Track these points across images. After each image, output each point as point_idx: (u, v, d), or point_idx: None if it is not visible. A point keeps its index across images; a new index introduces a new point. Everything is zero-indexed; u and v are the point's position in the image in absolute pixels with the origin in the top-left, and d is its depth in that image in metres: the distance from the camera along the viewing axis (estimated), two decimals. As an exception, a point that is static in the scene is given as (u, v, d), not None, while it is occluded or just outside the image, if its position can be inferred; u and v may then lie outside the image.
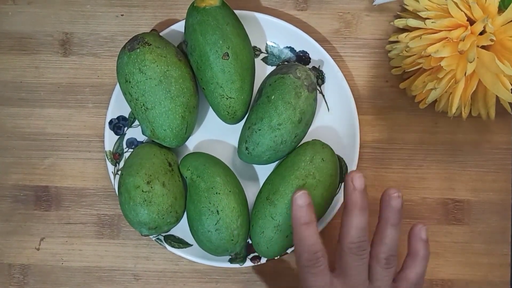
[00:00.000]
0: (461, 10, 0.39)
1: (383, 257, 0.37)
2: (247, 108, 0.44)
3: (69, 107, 0.47)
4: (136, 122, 0.46)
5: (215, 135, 0.47)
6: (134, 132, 0.46)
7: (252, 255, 0.45)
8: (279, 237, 0.41)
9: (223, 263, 0.44)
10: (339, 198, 0.44)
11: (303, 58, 0.45)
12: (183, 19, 0.43)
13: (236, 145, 0.45)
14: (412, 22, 0.41)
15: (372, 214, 0.46)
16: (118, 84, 0.43)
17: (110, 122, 0.45)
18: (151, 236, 0.45)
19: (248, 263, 0.44)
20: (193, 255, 0.44)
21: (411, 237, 0.39)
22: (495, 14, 0.38)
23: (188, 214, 0.43)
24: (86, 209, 0.47)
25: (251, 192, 0.45)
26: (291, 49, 0.46)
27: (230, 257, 0.45)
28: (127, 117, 0.46)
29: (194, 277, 0.47)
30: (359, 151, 0.44)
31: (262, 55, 0.46)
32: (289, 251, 0.44)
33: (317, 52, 0.45)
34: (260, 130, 0.41)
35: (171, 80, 0.40)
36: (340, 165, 0.45)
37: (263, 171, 0.46)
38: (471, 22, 0.39)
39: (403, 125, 0.47)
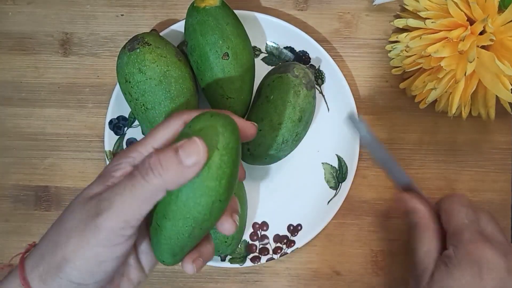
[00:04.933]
0: (461, 10, 0.39)
1: None
2: (247, 108, 0.44)
3: (69, 107, 0.47)
4: (136, 122, 0.46)
5: (215, 135, 0.46)
6: (134, 132, 0.46)
7: (252, 255, 0.45)
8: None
9: (223, 263, 0.44)
10: (339, 200, 0.44)
11: (303, 58, 0.45)
12: (183, 19, 0.43)
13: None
14: (412, 22, 0.41)
15: (372, 214, 0.47)
16: (118, 84, 0.43)
17: (110, 122, 0.45)
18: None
19: (248, 263, 0.44)
20: (193, 255, 0.44)
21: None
22: (495, 14, 0.38)
23: None
24: (86, 209, 0.47)
25: (249, 195, 0.45)
26: (291, 49, 0.45)
27: (230, 257, 0.45)
28: (127, 117, 0.46)
29: (194, 277, 0.47)
30: (359, 151, 0.44)
31: (262, 55, 0.46)
32: (288, 251, 0.44)
33: (317, 52, 0.45)
34: (261, 130, 0.41)
35: (171, 80, 0.40)
36: (340, 165, 0.45)
37: (263, 172, 0.46)
38: (471, 22, 0.39)
39: (403, 125, 0.47)
